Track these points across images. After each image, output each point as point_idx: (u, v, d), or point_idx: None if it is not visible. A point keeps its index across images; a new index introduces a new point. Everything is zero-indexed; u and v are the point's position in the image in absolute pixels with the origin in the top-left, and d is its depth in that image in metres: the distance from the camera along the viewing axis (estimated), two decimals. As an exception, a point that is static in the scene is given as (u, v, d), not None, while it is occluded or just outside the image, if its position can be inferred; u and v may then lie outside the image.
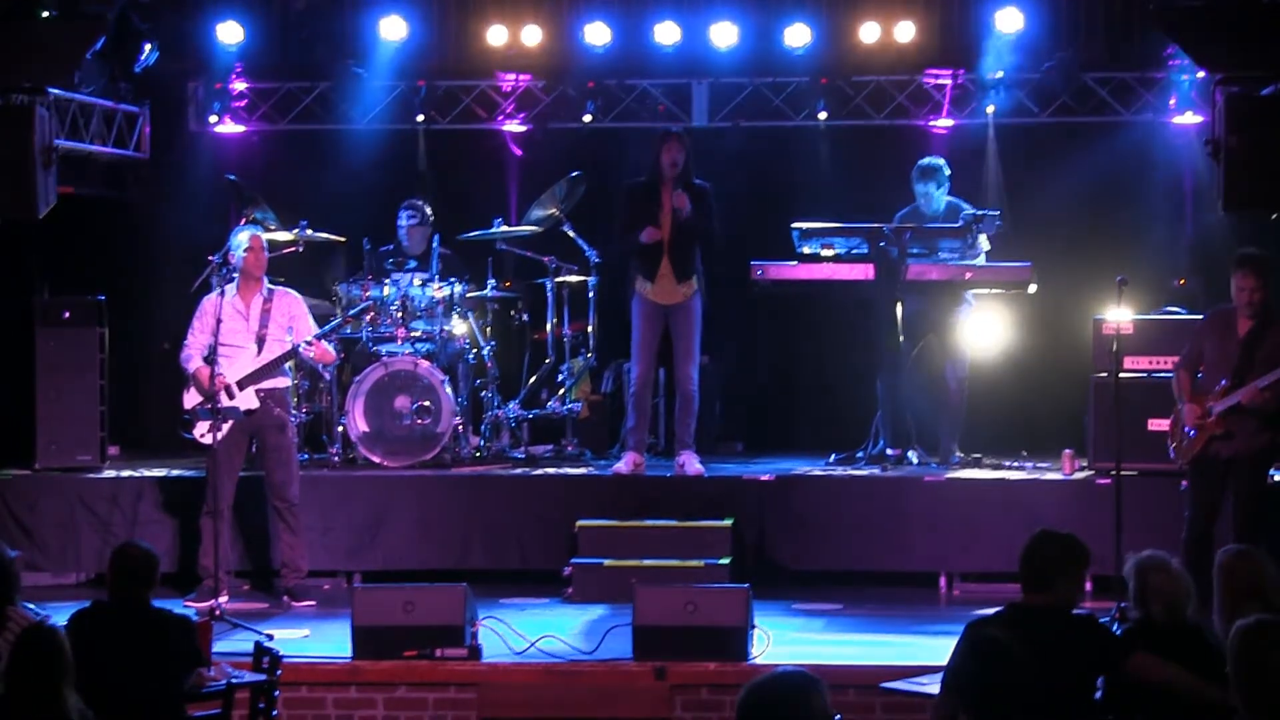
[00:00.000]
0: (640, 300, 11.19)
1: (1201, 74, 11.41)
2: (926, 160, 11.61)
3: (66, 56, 10.69)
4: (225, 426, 9.85)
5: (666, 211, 11.06)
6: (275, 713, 7.45)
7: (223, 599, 9.69)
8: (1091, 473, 10.90)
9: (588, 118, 12.85)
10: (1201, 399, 9.52)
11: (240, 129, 13.14)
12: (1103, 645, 6.43)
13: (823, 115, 12.63)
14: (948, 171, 11.58)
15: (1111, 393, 9.99)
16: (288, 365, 10.65)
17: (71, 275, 12.11)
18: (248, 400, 10.28)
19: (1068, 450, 11.12)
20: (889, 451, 11.44)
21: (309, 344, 10.45)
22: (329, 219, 12.14)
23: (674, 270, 11.08)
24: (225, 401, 10.01)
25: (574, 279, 12.24)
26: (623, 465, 11.20)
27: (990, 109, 12.42)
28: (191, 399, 10.31)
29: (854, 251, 11.34)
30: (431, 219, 12.25)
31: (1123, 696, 6.45)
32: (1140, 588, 6.61)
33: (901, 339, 11.39)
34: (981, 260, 11.35)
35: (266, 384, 10.38)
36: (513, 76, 12.96)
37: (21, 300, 11.74)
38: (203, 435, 10.19)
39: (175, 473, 11.37)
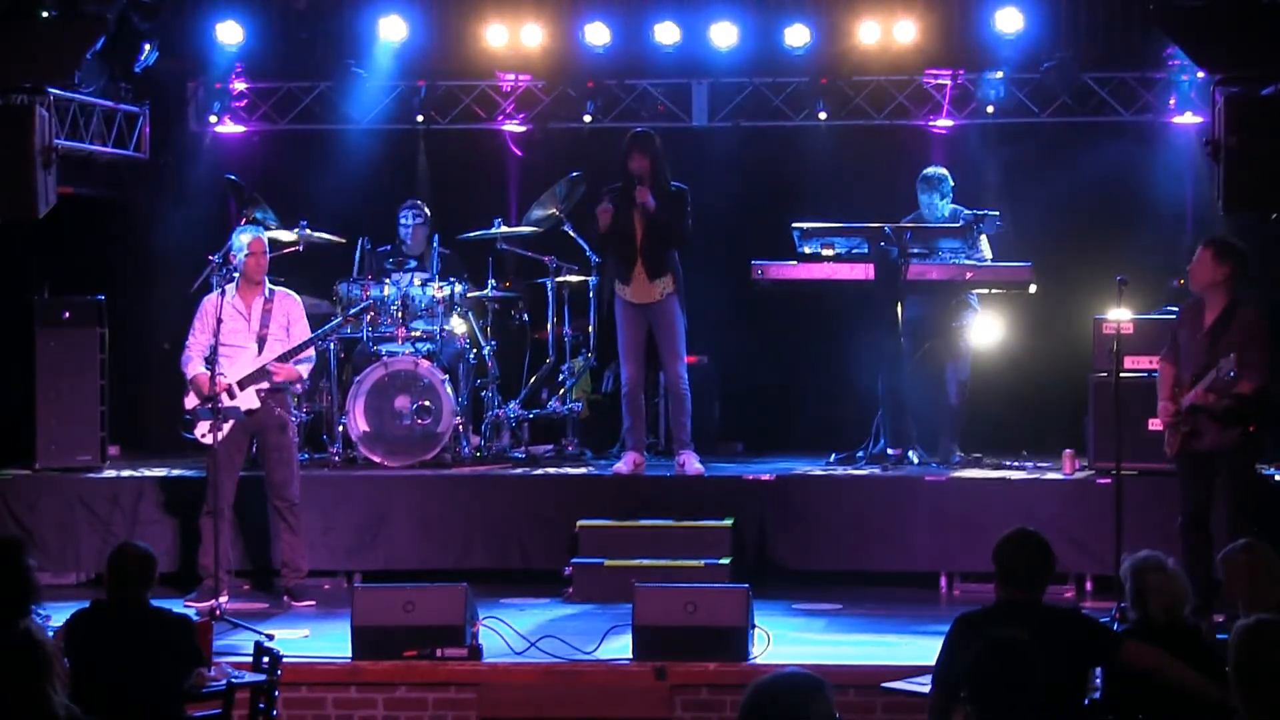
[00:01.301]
0: (620, 302, 11.20)
1: (1201, 74, 11.41)
2: (930, 170, 11.61)
3: (66, 56, 10.68)
4: (226, 426, 9.84)
5: (639, 212, 11.07)
6: (275, 713, 7.45)
7: (223, 599, 9.70)
8: (1091, 473, 10.91)
9: (588, 118, 12.86)
10: (1178, 394, 9.57)
11: (240, 129, 13.15)
12: (1093, 636, 6.45)
13: (823, 115, 12.63)
14: (950, 181, 11.58)
15: (1111, 393, 9.99)
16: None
17: (71, 275, 12.11)
18: (248, 400, 10.28)
19: (1068, 450, 11.12)
20: (889, 451, 11.44)
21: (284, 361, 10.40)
22: (329, 219, 12.13)
23: (645, 269, 11.07)
24: (226, 401, 10.01)
25: (574, 279, 12.25)
26: (623, 465, 11.21)
27: (990, 109, 12.43)
28: (192, 401, 10.31)
29: (854, 251, 11.35)
30: (430, 218, 12.26)
31: (1123, 695, 6.45)
32: (1138, 588, 6.62)
33: (903, 340, 11.40)
34: (986, 259, 11.36)
35: (267, 383, 10.37)
36: (513, 76, 12.96)
37: (21, 300, 11.74)
38: (203, 435, 10.19)
39: (175, 473, 11.38)
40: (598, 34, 12.53)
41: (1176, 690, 6.27)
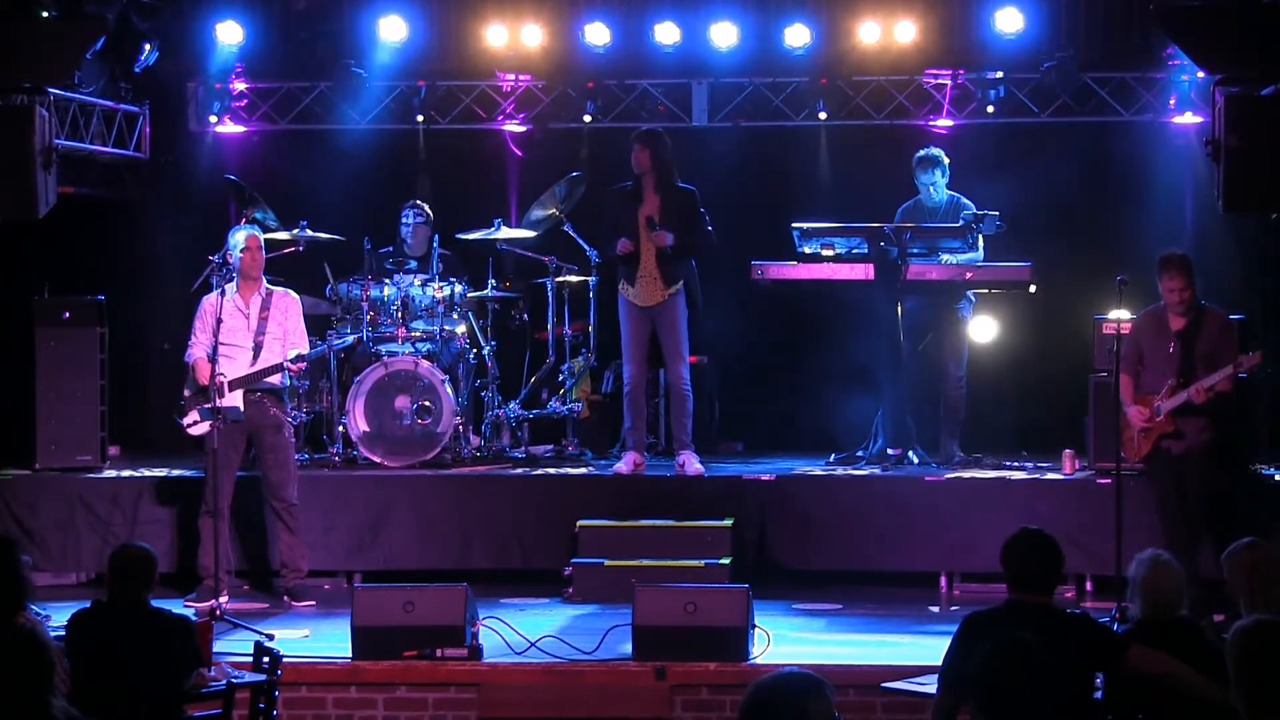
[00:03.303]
0: (623, 302, 11.22)
1: (1201, 74, 11.41)
2: (924, 151, 11.62)
3: (66, 56, 10.68)
4: (210, 425, 9.86)
5: (650, 215, 11.06)
6: (275, 713, 7.45)
7: (223, 599, 9.70)
8: (1091, 473, 10.91)
9: (588, 118, 12.86)
10: (1148, 399, 9.78)
11: (240, 129, 13.14)
12: (1101, 642, 6.44)
13: (823, 115, 12.64)
14: (946, 160, 11.59)
15: (1111, 393, 10.03)
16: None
17: (71, 275, 12.11)
18: (236, 403, 10.23)
19: (1068, 450, 11.12)
20: (889, 451, 11.44)
21: (294, 361, 10.43)
22: (329, 219, 12.13)
23: (661, 273, 11.09)
24: (221, 400, 9.99)
25: (574, 279, 12.24)
26: (623, 465, 11.21)
27: (990, 109, 12.43)
28: (190, 389, 10.32)
29: (854, 251, 11.35)
30: (432, 219, 12.26)
31: (1123, 696, 6.44)
32: (1140, 587, 6.61)
33: (902, 338, 11.40)
34: (978, 257, 11.37)
35: (258, 389, 10.37)
36: (513, 76, 12.96)
37: (21, 300, 11.74)
38: (189, 425, 10.23)
39: (175, 473, 11.37)
40: (598, 34, 12.53)
41: (1183, 694, 6.26)
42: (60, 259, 12.33)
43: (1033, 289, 11.29)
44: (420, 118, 12.99)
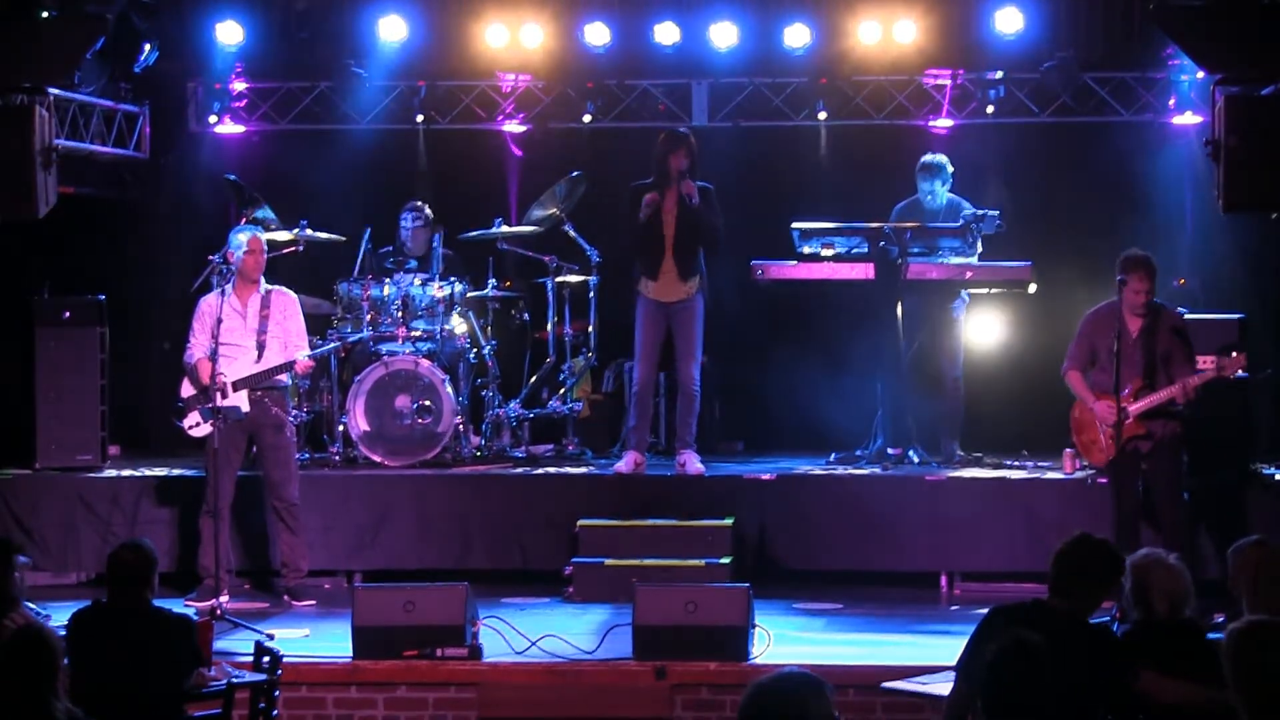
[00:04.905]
0: (643, 300, 11.20)
1: (1201, 74, 11.41)
2: (929, 157, 11.64)
3: (66, 56, 10.69)
4: (211, 425, 9.86)
5: (671, 210, 11.07)
6: (275, 713, 7.45)
7: (223, 598, 9.70)
8: (1092, 472, 10.91)
9: (588, 118, 12.86)
10: (1109, 399, 9.76)
11: (240, 129, 13.14)
12: (1111, 661, 6.36)
13: (822, 115, 12.63)
14: (950, 169, 11.60)
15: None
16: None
17: (71, 275, 12.11)
18: (240, 403, 10.24)
19: (1068, 450, 11.11)
20: (889, 451, 11.44)
21: (306, 357, 10.47)
22: (329, 219, 12.13)
23: (678, 267, 11.09)
24: (221, 400, 9.99)
25: (575, 279, 12.24)
26: (624, 465, 11.21)
27: (990, 109, 12.43)
28: (188, 389, 10.33)
29: (854, 251, 11.37)
30: (432, 220, 12.26)
31: (1124, 696, 6.42)
32: (1139, 584, 6.59)
33: (902, 338, 11.40)
34: (975, 258, 11.39)
35: (260, 389, 10.37)
36: (513, 76, 12.95)
37: (21, 300, 11.74)
38: (191, 427, 10.24)
39: (175, 472, 11.38)
40: (598, 34, 12.52)
41: (1196, 709, 6.22)
42: (60, 259, 12.33)
43: (1033, 289, 11.31)
44: (420, 118, 12.99)
